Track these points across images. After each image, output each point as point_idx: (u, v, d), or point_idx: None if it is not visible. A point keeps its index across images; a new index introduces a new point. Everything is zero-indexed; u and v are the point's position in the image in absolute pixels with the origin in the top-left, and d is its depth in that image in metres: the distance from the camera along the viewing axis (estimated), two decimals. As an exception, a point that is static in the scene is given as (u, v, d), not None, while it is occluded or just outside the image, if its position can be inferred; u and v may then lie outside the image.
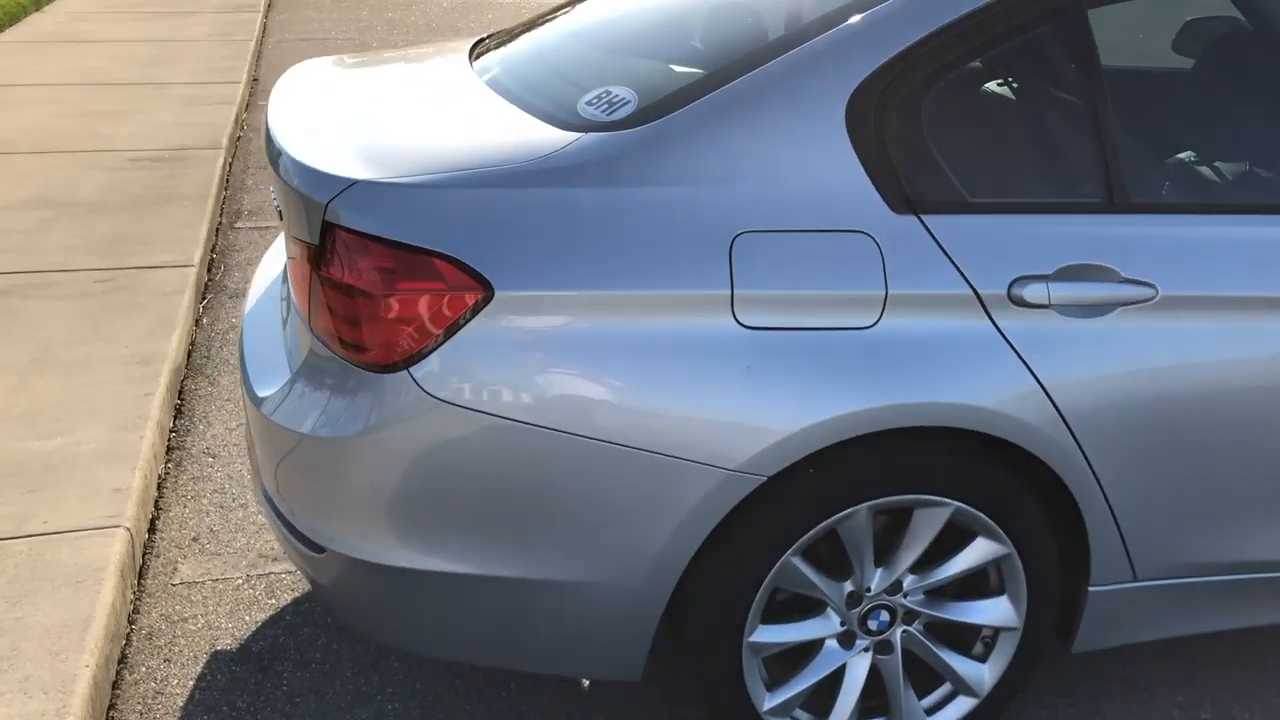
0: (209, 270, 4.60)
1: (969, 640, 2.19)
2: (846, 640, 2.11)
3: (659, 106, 1.95)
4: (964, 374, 1.91)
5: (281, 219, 2.16)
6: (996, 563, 2.09)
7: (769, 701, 2.10)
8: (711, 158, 1.89)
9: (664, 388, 1.83)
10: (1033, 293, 1.92)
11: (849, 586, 2.06)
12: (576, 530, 1.89)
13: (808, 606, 2.09)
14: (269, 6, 11.08)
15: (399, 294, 1.81)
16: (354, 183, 1.86)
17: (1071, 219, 1.98)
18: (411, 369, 1.82)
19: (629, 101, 2.00)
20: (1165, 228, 2.01)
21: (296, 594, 2.69)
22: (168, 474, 3.16)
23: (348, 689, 2.41)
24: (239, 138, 6.51)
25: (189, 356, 3.85)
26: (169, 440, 3.32)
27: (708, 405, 1.84)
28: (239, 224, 5.17)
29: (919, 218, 1.91)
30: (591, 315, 1.82)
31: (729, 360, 1.84)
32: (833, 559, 2.04)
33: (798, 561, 1.98)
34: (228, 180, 5.74)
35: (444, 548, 1.90)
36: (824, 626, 2.09)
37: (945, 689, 2.21)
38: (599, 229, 1.84)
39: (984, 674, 2.17)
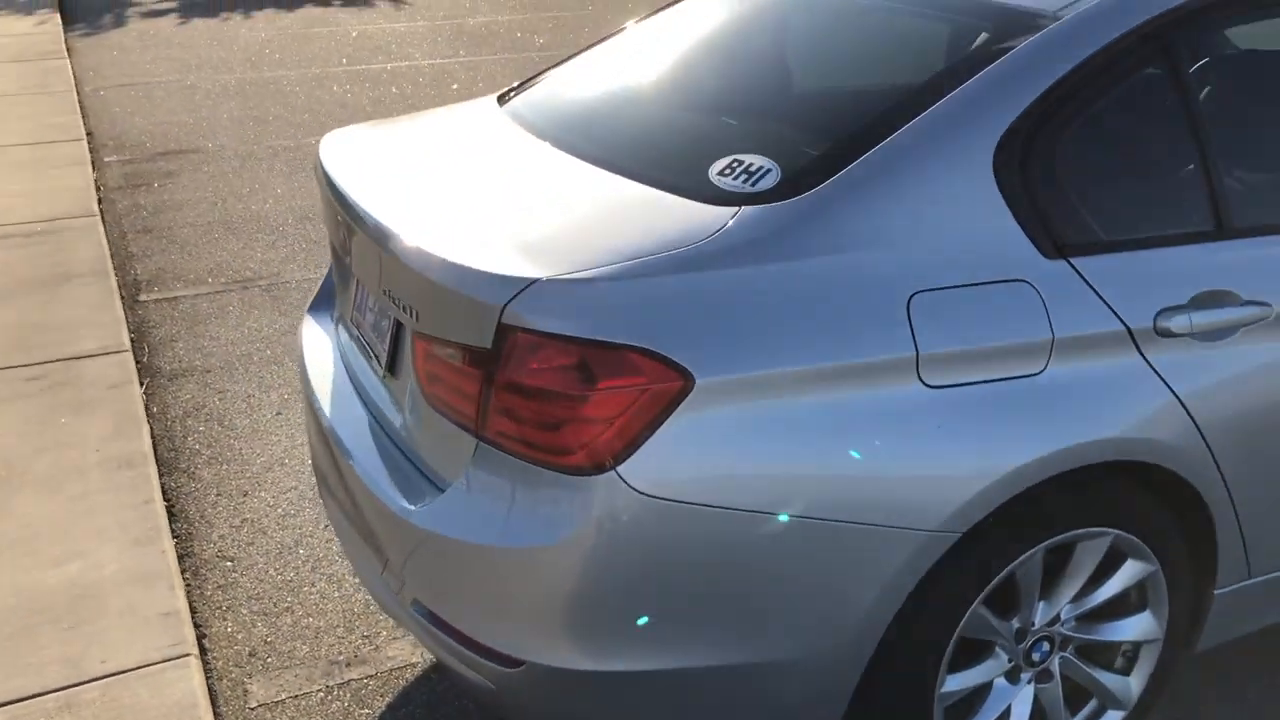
0: (135, 353, 4.29)
1: (1112, 658, 2.28)
2: (1013, 675, 2.17)
3: (805, 175, 1.95)
4: (1125, 408, 1.99)
5: (360, 313, 2.04)
6: (1141, 580, 2.19)
7: (953, 747, 2.14)
8: (874, 221, 1.91)
9: (862, 456, 1.83)
10: (1177, 323, 2.02)
11: (1017, 624, 2.12)
12: (787, 610, 1.87)
13: (977, 650, 2.14)
14: (69, 50, 10.38)
15: (601, 393, 1.75)
16: (533, 281, 1.79)
17: (1192, 249, 2.09)
18: (619, 469, 1.76)
19: (769, 170, 1.99)
20: (1270, 249, 2.15)
21: (389, 698, 2.56)
22: (190, 586, 2.94)
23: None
24: (100, 200, 6.09)
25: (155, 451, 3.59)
26: (176, 548, 3.09)
27: (903, 468, 1.86)
28: (142, 297, 4.84)
29: (1068, 261, 1.98)
30: (787, 393, 1.80)
31: (921, 422, 1.86)
32: (1004, 600, 2.09)
33: (983, 609, 2.02)
34: (112, 250, 5.37)
35: (659, 645, 1.85)
36: (996, 666, 2.13)
37: (1093, 706, 2.29)
38: (783, 305, 1.83)
39: (1131, 686, 2.27)
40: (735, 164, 2.05)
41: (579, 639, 1.84)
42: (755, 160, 2.04)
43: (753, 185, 1.98)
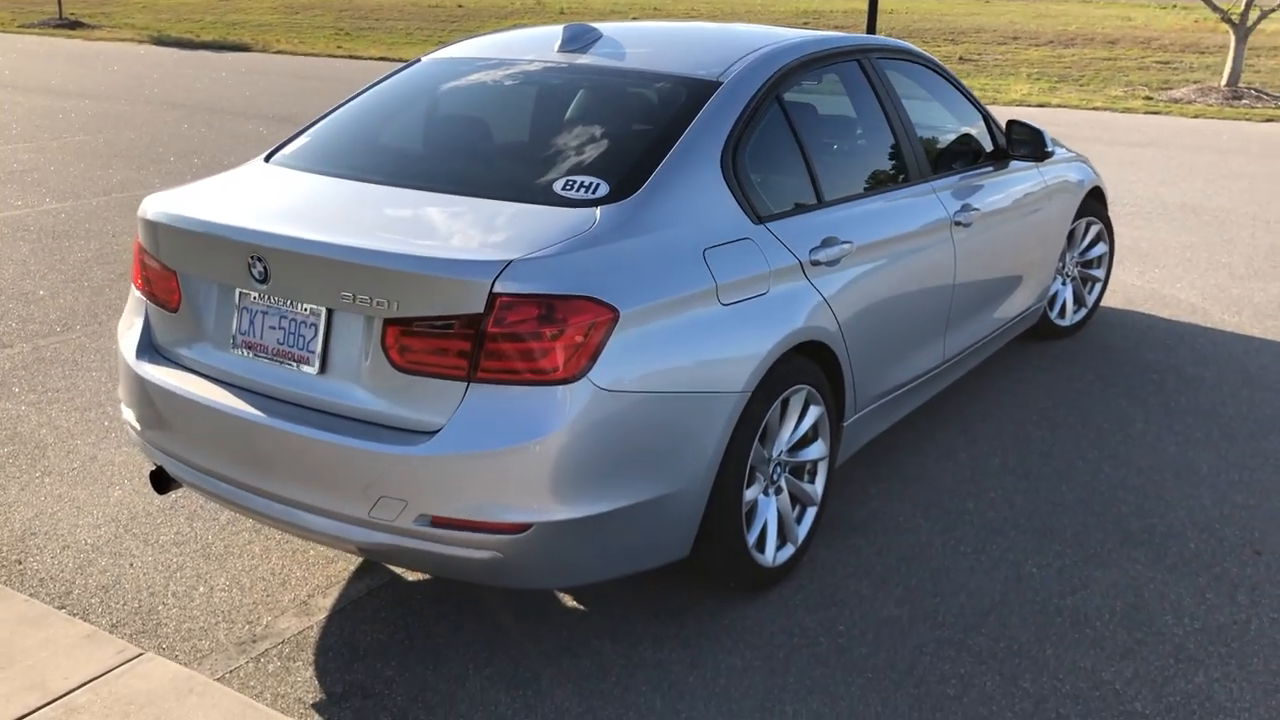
0: None
1: (803, 474, 3.58)
2: (765, 491, 3.39)
3: (623, 186, 3.04)
4: (806, 309, 3.33)
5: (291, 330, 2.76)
6: (816, 421, 3.52)
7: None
8: (675, 209, 3.05)
9: (706, 350, 2.96)
10: (817, 256, 3.40)
11: (766, 454, 3.34)
12: (679, 453, 2.94)
13: (751, 476, 3.33)
14: None
15: (570, 327, 2.69)
16: (510, 262, 2.68)
17: (814, 214, 3.50)
18: (589, 375, 2.71)
19: (600, 184, 3.05)
20: (844, 211, 3.64)
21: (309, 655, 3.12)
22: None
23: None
24: None
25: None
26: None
27: (725, 355, 3.01)
28: None
29: (765, 225, 3.28)
30: (665, 315, 2.87)
31: (726, 326, 3.03)
32: (761, 438, 3.30)
33: (758, 444, 3.23)
34: None
35: (616, 490, 2.81)
36: (758, 486, 3.34)
37: (798, 509, 3.58)
38: (648, 261, 2.91)
39: (817, 490, 3.59)
40: (571, 182, 3.06)
41: (570, 496, 2.74)
42: (585, 179, 3.07)
43: (594, 194, 3.02)
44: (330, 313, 2.89)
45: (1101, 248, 5.86)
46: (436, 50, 4.12)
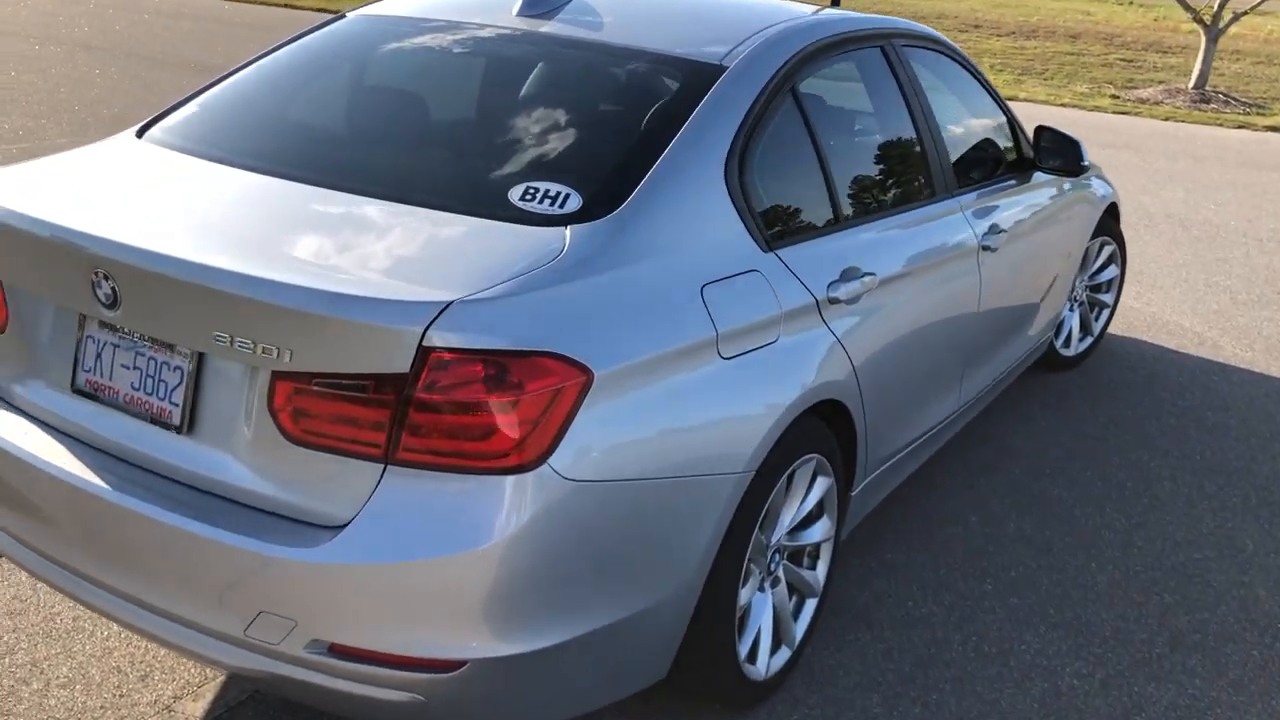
0: None
1: (803, 558, 2.90)
2: (760, 586, 2.70)
3: (599, 199, 2.32)
4: (821, 359, 2.63)
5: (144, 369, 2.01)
6: (823, 494, 2.83)
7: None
8: (664, 233, 2.33)
9: (699, 420, 2.26)
10: (837, 292, 2.69)
11: (764, 542, 2.65)
12: (660, 558, 2.24)
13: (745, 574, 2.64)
14: None
15: (527, 395, 1.97)
16: (449, 304, 1.94)
17: (832, 238, 2.80)
18: (550, 461, 1.99)
19: (569, 195, 2.32)
20: (865, 234, 2.93)
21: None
22: None
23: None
24: None
25: None
26: None
27: (723, 425, 2.31)
28: None
29: (775, 253, 2.56)
30: (648, 375, 2.16)
31: (725, 385, 2.32)
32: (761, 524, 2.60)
33: (758, 532, 2.53)
34: None
35: (578, 612, 2.10)
36: (754, 583, 2.64)
37: (796, 599, 2.89)
38: (629, 303, 2.19)
39: (819, 577, 2.90)
40: (533, 190, 2.32)
41: (519, 623, 2.03)
42: (550, 187, 2.33)
43: (560, 207, 2.28)
44: (201, 356, 2.14)
45: (1113, 270, 5.24)
46: (365, 6, 3.32)
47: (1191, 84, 15.80)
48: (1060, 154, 4.02)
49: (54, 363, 2.34)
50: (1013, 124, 4.11)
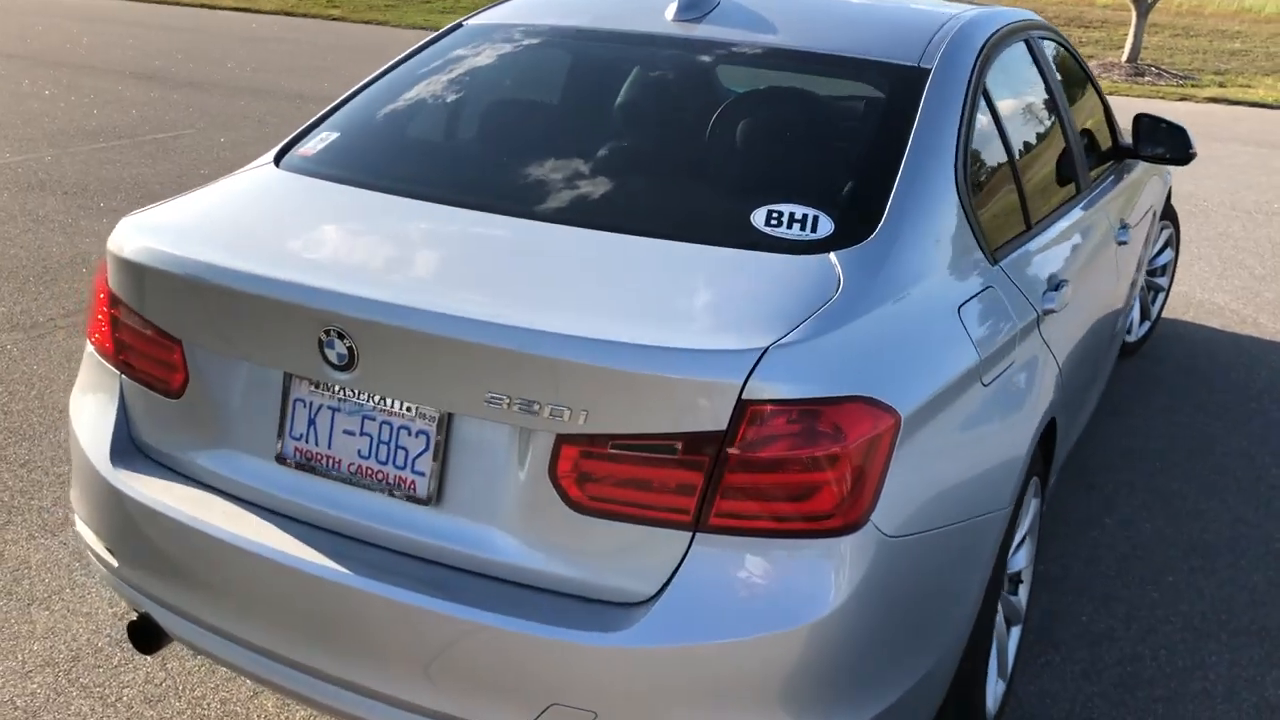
0: None
1: (1011, 585, 2.74)
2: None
3: (850, 221, 2.11)
4: (1048, 374, 2.47)
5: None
6: (1033, 518, 2.67)
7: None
8: (919, 253, 2.14)
9: (979, 453, 2.08)
10: (1051, 303, 2.53)
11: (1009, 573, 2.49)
12: (947, 610, 2.05)
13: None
14: None
15: (851, 446, 1.76)
16: (765, 350, 1.73)
17: (1035, 240, 2.64)
18: (873, 518, 1.79)
19: (817, 217, 2.11)
20: (1047, 237, 2.78)
21: None
22: None
23: None
24: None
25: None
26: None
27: (994, 458, 2.14)
28: None
29: (1000, 266, 2.40)
30: (937, 412, 1.97)
31: (990, 414, 2.15)
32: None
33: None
34: None
35: (898, 674, 1.92)
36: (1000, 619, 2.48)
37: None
38: (909, 335, 1.99)
39: (1022, 602, 2.74)
40: (776, 214, 2.11)
41: (844, 703, 1.82)
42: (792, 209, 2.12)
43: (813, 232, 2.08)
44: (449, 418, 1.89)
45: (1169, 254, 5.19)
46: (482, 12, 3.04)
47: (1125, 57, 16.05)
48: (1163, 142, 3.91)
49: (248, 430, 2.07)
50: (1108, 112, 4.00)
